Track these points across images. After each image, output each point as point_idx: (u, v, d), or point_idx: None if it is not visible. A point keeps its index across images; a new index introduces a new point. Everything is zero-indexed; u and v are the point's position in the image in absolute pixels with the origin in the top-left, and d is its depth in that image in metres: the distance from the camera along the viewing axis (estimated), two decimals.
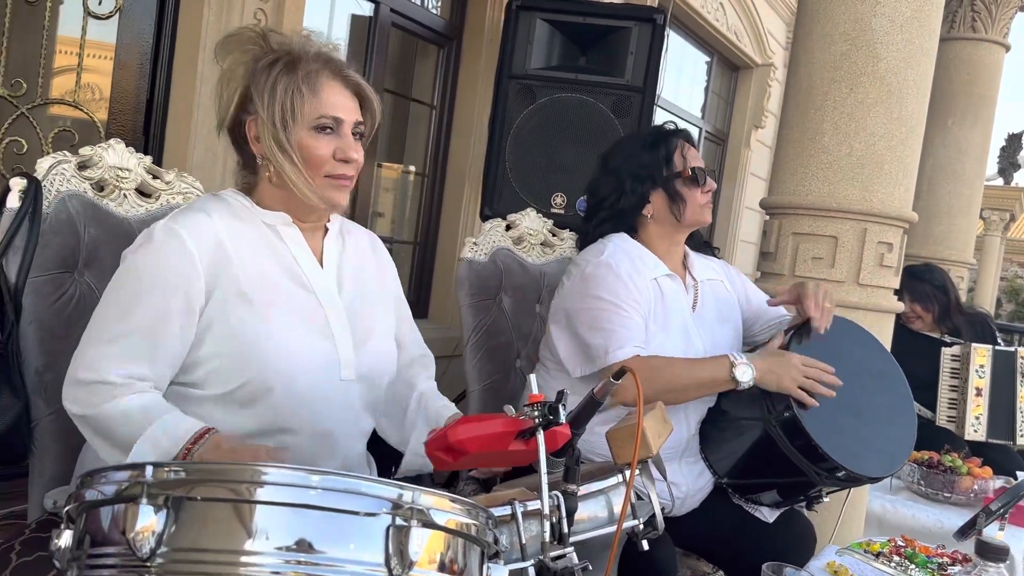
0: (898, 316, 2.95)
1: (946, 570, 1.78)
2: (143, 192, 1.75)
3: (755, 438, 1.82)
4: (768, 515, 1.93)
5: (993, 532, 1.79)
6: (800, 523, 1.98)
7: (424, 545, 0.76)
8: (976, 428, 3.21)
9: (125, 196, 1.71)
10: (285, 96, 1.33)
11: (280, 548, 0.73)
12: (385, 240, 4.33)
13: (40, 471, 1.52)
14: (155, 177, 1.77)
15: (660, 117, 4.67)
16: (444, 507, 0.79)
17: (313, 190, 1.35)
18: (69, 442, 1.51)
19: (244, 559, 0.72)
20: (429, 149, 4.30)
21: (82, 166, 1.65)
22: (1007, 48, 4.78)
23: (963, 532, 1.74)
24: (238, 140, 1.41)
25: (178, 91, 3.01)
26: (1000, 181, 15.13)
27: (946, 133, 4.56)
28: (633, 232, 1.97)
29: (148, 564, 0.70)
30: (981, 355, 3.22)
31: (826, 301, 1.83)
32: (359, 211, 3.82)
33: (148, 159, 1.77)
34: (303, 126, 1.34)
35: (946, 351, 3.29)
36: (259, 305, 1.32)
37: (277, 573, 0.73)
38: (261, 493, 0.74)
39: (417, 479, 1.58)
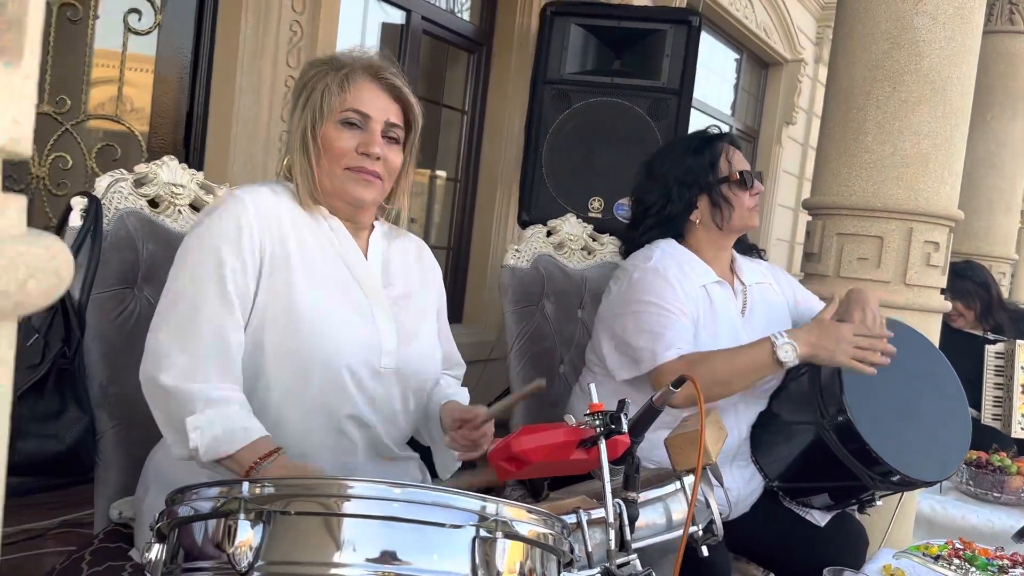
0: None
1: (1007, 572, 1.76)
2: (196, 207, 1.79)
3: (807, 442, 1.82)
4: (820, 519, 1.92)
5: None
6: (852, 526, 1.97)
7: (507, 555, 0.78)
8: (1023, 425, 3.17)
9: (180, 212, 1.75)
10: (318, 95, 1.38)
11: (368, 560, 0.74)
12: None
13: (105, 482, 1.56)
14: (207, 192, 1.81)
15: (696, 121, 4.67)
16: (524, 518, 0.81)
17: (333, 181, 1.39)
18: (132, 454, 1.55)
19: (334, 571, 0.74)
20: (461, 154, 4.33)
21: (138, 183, 1.68)
22: None
23: (1021, 534, 1.73)
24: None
25: (217, 103, 3.06)
26: None
27: (985, 128, 4.50)
28: (680, 238, 1.96)
29: None
30: None
31: (877, 312, 1.80)
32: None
33: (200, 175, 1.81)
34: (331, 120, 1.37)
35: (990, 348, 3.26)
36: (309, 278, 1.35)
37: None
38: (348, 507, 0.75)
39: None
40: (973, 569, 1.76)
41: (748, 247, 2.09)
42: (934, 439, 1.80)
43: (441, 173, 4.35)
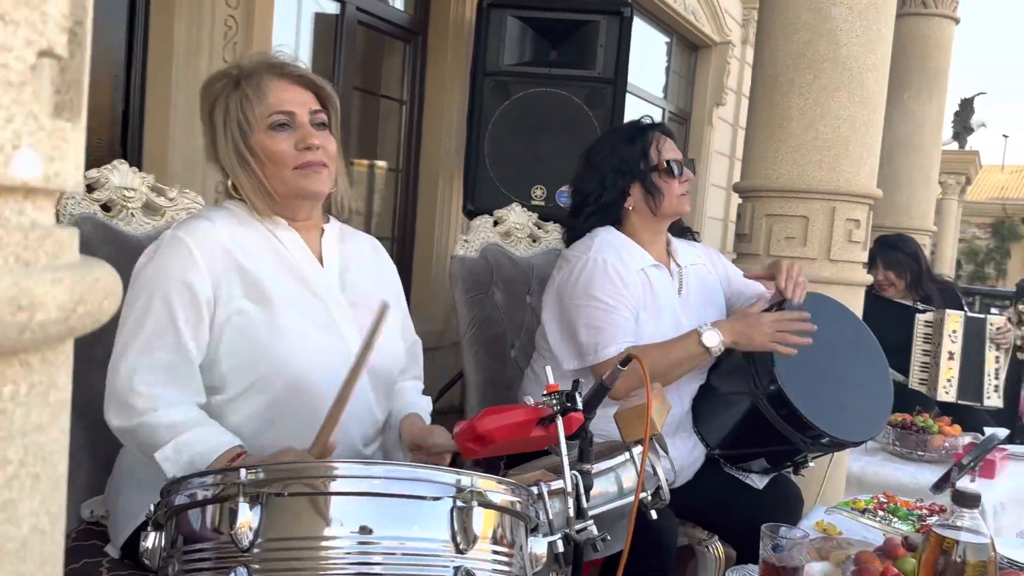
0: (870, 285, 3.12)
1: (925, 521, 1.92)
2: (151, 209, 1.82)
3: (744, 411, 1.95)
4: (758, 482, 2.06)
5: (965, 484, 1.93)
6: (788, 488, 2.11)
7: (482, 522, 0.86)
8: (948, 390, 3.39)
9: (132, 215, 1.77)
10: (236, 109, 1.41)
11: (355, 532, 0.82)
12: None
13: (73, 483, 1.59)
14: (159, 194, 1.84)
15: (631, 105, 4.77)
16: (495, 488, 0.89)
17: (285, 183, 1.43)
18: (99, 454, 1.58)
19: (324, 544, 0.82)
20: (401, 144, 4.36)
21: (89, 188, 1.70)
22: (956, 21, 4.96)
23: (938, 486, 1.89)
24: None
25: (154, 101, 3.04)
26: (955, 146, 15.47)
27: (903, 107, 4.73)
28: (618, 224, 2.07)
29: (247, 555, 0.80)
30: (954, 321, 3.41)
31: (799, 276, 1.96)
32: (333, 208, 3.87)
33: (151, 178, 1.83)
34: (259, 129, 1.41)
35: (920, 317, 3.47)
36: (268, 306, 1.38)
37: (352, 554, 0.82)
38: (335, 486, 0.83)
39: None
40: (895, 519, 1.92)
41: (682, 230, 2.21)
42: (859, 403, 1.94)
43: (382, 163, 4.38)
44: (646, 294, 1.98)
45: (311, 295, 1.46)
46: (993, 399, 3.47)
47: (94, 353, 1.50)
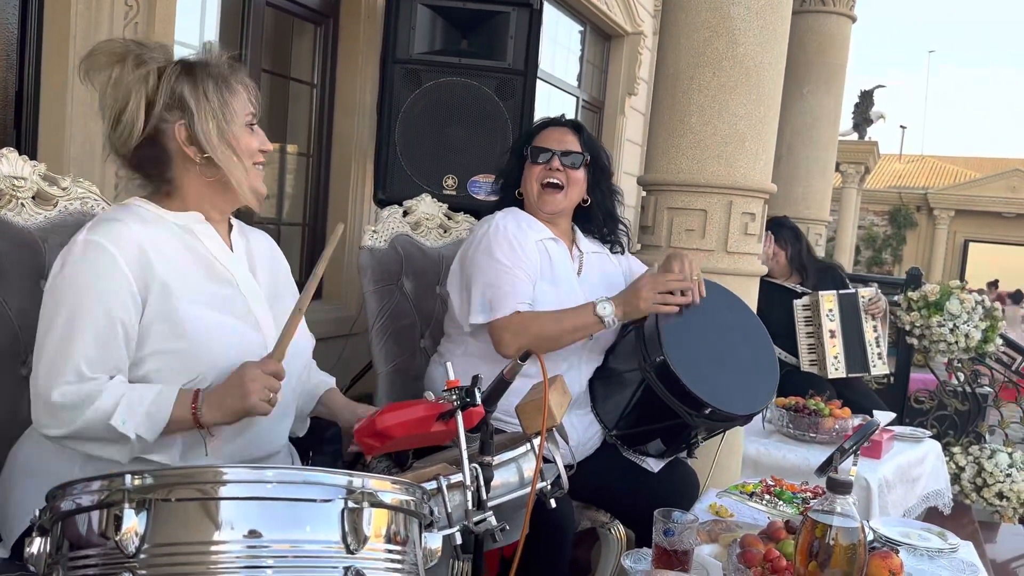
0: None
1: (808, 503, 2.04)
2: (41, 198, 1.75)
3: (635, 386, 2.04)
4: (654, 465, 2.14)
5: (848, 467, 2.06)
6: (684, 471, 2.20)
7: (373, 522, 0.88)
8: (836, 367, 3.58)
9: (23, 205, 1.71)
10: (217, 95, 1.42)
11: (245, 535, 0.83)
12: (272, 222, 4.28)
13: None
14: (51, 184, 1.78)
15: (545, 95, 4.80)
16: (387, 488, 0.92)
17: (246, 177, 1.46)
18: None
19: (214, 548, 0.82)
20: (312, 128, 4.29)
21: None
22: (853, 19, 5.17)
23: (822, 469, 2.00)
24: (147, 148, 1.44)
25: (49, 82, 2.92)
26: (855, 136, 16.11)
27: (802, 101, 4.92)
28: (521, 207, 2.20)
29: (133, 561, 0.80)
30: (828, 301, 3.60)
31: (693, 272, 2.04)
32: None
33: (43, 166, 1.77)
34: (238, 123, 1.45)
35: (797, 303, 3.65)
36: (187, 303, 1.38)
37: (242, 557, 0.83)
38: (224, 491, 0.84)
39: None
40: (781, 502, 2.03)
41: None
42: (745, 380, 2.06)
43: (292, 147, 4.31)
44: (545, 264, 2.09)
45: (229, 287, 1.47)
46: (879, 367, 3.69)
47: None
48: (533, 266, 2.05)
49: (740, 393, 2.02)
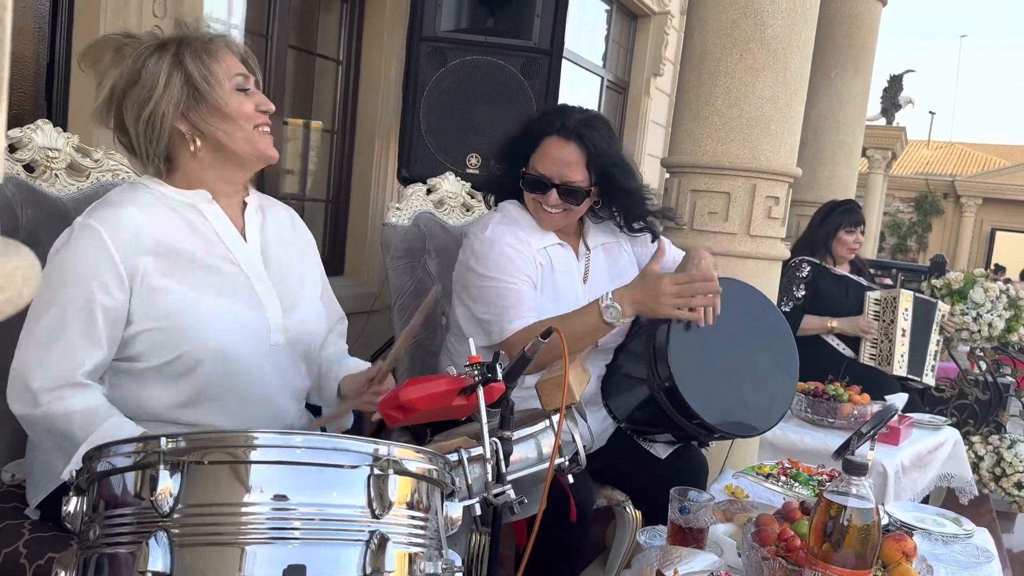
0: (819, 263, 3.35)
1: (824, 485, 2.04)
2: (74, 170, 1.79)
3: (643, 397, 1.97)
4: (661, 452, 2.11)
5: (865, 451, 2.06)
6: (694, 456, 2.17)
7: (398, 489, 0.91)
8: (901, 364, 3.61)
9: (56, 176, 1.75)
10: (194, 66, 1.41)
11: (274, 498, 0.86)
12: (296, 198, 4.31)
13: None
14: (84, 155, 1.81)
15: (570, 75, 4.77)
16: (412, 456, 0.94)
17: (249, 142, 1.45)
18: (16, 419, 1.57)
19: (244, 510, 0.85)
20: (337, 105, 4.31)
21: (12, 148, 1.67)
22: (884, 3, 5.10)
23: (839, 453, 2.00)
24: (149, 132, 1.45)
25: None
26: (883, 121, 15.89)
27: (829, 85, 4.87)
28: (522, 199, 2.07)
29: (167, 520, 0.83)
30: (906, 300, 3.63)
31: (707, 268, 1.89)
32: (269, 168, 3.82)
33: (76, 138, 1.80)
34: (225, 88, 1.43)
35: (870, 295, 3.66)
36: (185, 283, 1.40)
37: (271, 519, 0.86)
38: (255, 455, 0.87)
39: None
40: (797, 484, 2.04)
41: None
42: (759, 394, 1.93)
43: (317, 123, 4.33)
44: (547, 272, 1.99)
45: (232, 267, 1.47)
46: (929, 378, 3.72)
47: (9, 325, 1.49)
48: (534, 276, 1.96)
49: (755, 408, 1.92)
